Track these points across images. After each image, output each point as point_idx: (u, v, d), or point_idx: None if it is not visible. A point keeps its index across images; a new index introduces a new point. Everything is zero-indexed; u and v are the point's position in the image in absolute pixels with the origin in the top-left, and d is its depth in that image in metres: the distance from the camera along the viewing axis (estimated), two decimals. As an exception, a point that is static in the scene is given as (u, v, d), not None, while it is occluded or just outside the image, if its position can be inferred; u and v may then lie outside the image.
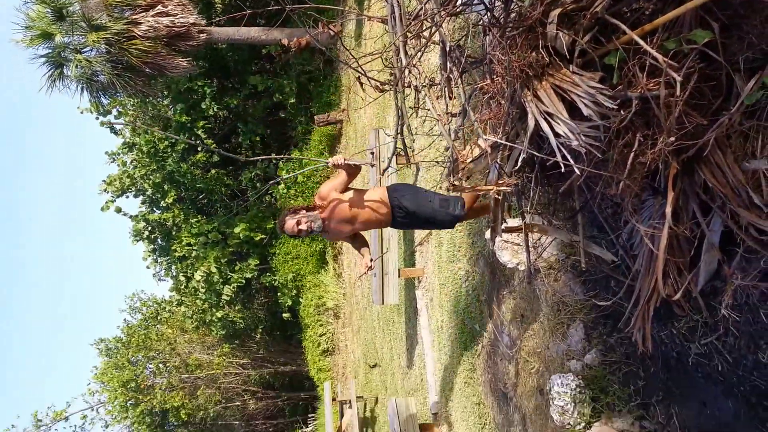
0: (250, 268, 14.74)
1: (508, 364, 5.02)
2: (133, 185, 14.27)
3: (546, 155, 2.59)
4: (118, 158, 14.57)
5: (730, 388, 2.61)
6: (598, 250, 3.35)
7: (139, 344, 17.58)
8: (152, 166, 14.02)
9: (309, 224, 4.39)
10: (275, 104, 14.80)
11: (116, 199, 14.32)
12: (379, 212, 4.55)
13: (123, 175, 14.19)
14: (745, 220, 2.25)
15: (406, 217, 4.58)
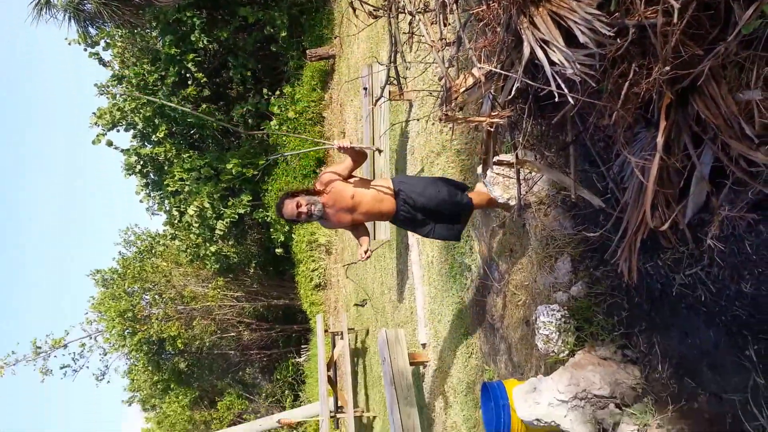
0: (242, 204, 14.68)
1: (495, 297, 5.07)
2: (123, 119, 14.02)
3: (540, 85, 2.53)
4: (107, 91, 14.29)
5: (712, 318, 2.64)
6: (587, 194, 3.33)
7: (135, 276, 17.67)
8: (142, 99, 13.76)
9: (309, 207, 4.14)
10: (266, 38, 14.45)
11: (107, 133, 14.10)
12: (382, 203, 4.34)
13: (113, 108, 13.94)
14: (735, 151, 2.22)
15: (409, 213, 4.37)
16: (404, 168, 8.14)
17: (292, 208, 4.15)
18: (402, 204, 4.34)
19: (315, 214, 4.17)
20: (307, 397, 16.57)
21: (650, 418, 2.81)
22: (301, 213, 4.14)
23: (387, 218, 4.48)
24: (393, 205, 4.34)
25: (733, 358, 2.56)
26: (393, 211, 4.36)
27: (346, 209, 4.26)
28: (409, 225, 4.56)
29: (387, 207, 4.34)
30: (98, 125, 14.07)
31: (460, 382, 5.78)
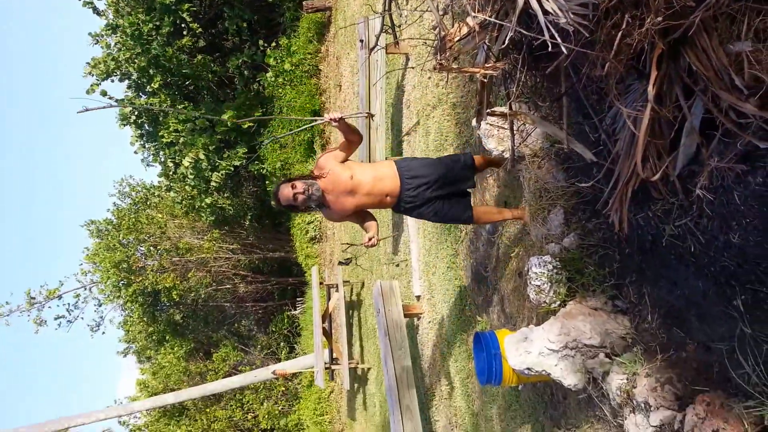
0: (238, 156, 14.66)
1: (489, 249, 5.14)
2: (117, 68, 13.85)
3: (534, 35, 2.53)
4: (101, 40, 14.08)
5: (700, 268, 2.69)
6: (579, 147, 3.35)
7: (130, 227, 17.69)
8: (137, 49, 13.57)
9: (306, 188, 3.87)
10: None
11: (101, 83, 13.97)
12: (384, 182, 4.05)
13: (107, 57, 13.76)
14: (725, 102, 2.24)
15: (415, 189, 4.08)
16: (400, 121, 8.13)
17: (288, 192, 3.90)
18: (406, 181, 4.07)
19: (314, 195, 3.89)
20: (302, 349, 16.85)
21: (639, 367, 2.88)
22: (298, 195, 3.87)
23: (392, 200, 4.11)
24: (397, 183, 4.07)
25: (720, 308, 2.62)
26: (398, 190, 4.07)
27: (347, 192, 3.99)
28: (416, 205, 4.16)
29: (390, 185, 4.06)
30: (92, 75, 13.92)
31: (453, 333, 5.89)
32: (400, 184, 4.07)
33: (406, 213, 4.31)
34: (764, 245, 2.32)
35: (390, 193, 4.07)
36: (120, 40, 13.88)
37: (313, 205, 3.96)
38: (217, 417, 17.58)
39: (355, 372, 11.08)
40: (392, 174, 4.08)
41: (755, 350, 2.36)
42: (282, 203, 3.97)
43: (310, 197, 3.89)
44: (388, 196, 4.08)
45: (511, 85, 3.24)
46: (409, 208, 4.18)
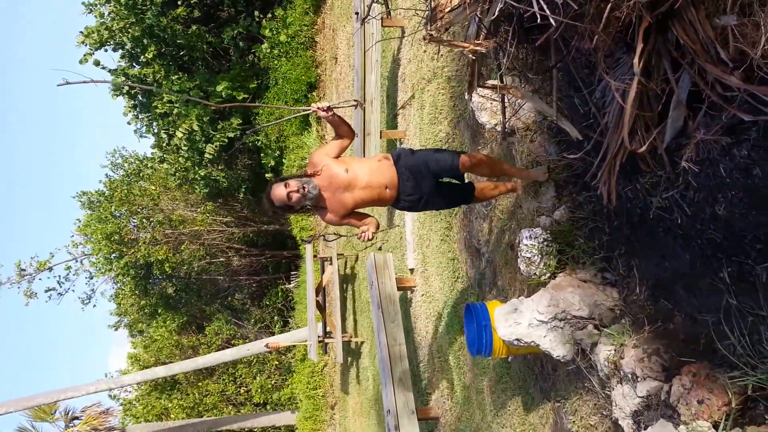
0: (232, 128, 14.63)
1: (482, 222, 5.21)
2: (111, 38, 13.73)
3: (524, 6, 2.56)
4: (95, 9, 13.95)
5: (688, 241, 2.76)
6: (566, 125, 3.40)
7: (122, 199, 17.68)
8: (130, 19, 13.46)
9: (301, 186, 3.70)
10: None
11: (94, 53, 13.85)
12: (381, 173, 3.92)
13: (101, 27, 13.64)
14: (711, 76, 2.29)
15: (412, 177, 3.95)
16: (395, 95, 8.15)
17: (282, 192, 3.72)
18: (403, 169, 3.94)
19: (310, 193, 3.71)
20: (296, 323, 16.97)
21: (627, 339, 2.95)
22: (292, 194, 3.70)
23: (392, 192, 3.96)
24: (394, 173, 3.93)
25: (707, 280, 2.69)
26: (396, 180, 3.92)
27: (344, 187, 3.82)
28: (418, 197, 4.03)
29: (387, 176, 3.92)
30: (85, 44, 13.81)
31: (446, 306, 5.98)
32: (397, 173, 3.93)
33: (411, 207, 4.18)
34: (749, 217, 2.39)
35: (389, 184, 3.92)
36: (114, 9, 13.75)
37: (309, 204, 3.80)
38: (210, 391, 17.71)
39: (349, 345, 11.20)
40: (388, 164, 3.96)
41: (740, 322, 2.43)
42: (275, 204, 3.81)
43: (305, 195, 3.72)
44: (387, 188, 3.92)
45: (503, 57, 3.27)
46: (413, 201, 4.04)
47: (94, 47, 13.82)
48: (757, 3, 2.19)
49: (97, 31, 13.71)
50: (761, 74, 2.15)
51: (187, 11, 14.28)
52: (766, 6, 2.17)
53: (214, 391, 17.73)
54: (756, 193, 2.30)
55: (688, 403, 2.33)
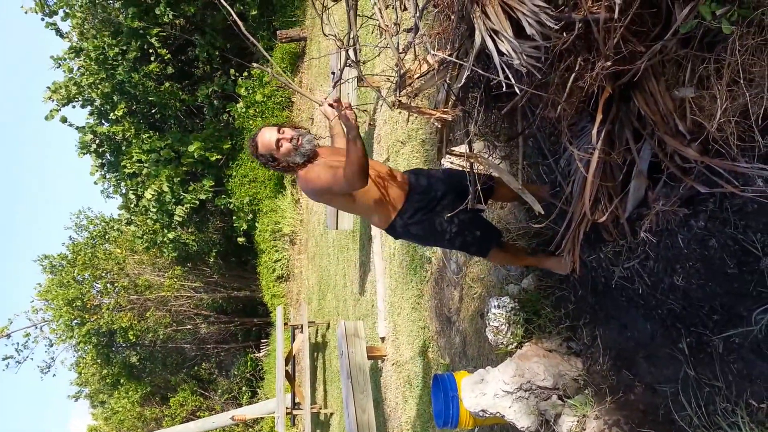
0: (204, 189, 14.70)
1: (453, 290, 5.27)
2: (80, 94, 13.90)
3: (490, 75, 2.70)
4: (64, 64, 14.15)
5: (648, 311, 2.84)
6: (529, 199, 3.50)
7: (86, 262, 17.57)
8: (101, 74, 13.65)
9: (297, 136, 3.16)
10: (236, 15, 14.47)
11: (62, 108, 13.99)
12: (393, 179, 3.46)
13: (69, 82, 13.82)
14: (670, 147, 2.41)
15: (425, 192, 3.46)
16: (370, 156, 8.29)
17: (271, 137, 3.14)
18: (414, 179, 3.51)
19: (304, 147, 3.13)
20: (264, 394, 16.69)
21: (589, 410, 3.01)
22: (283, 141, 3.12)
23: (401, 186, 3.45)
24: (405, 184, 3.46)
25: (667, 350, 2.77)
26: (406, 184, 3.46)
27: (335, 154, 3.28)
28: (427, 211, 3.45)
29: (398, 182, 3.44)
30: (53, 100, 13.96)
31: (416, 376, 5.96)
32: (408, 183, 3.48)
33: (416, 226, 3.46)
34: (706, 288, 2.48)
35: (399, 176, 3.47)
36: (83, 64, 13.94)
37: (298, 160, 3.16)
38: (172, 466, 17.24)
39: (318, 417, 11.03)
40: (399, 177, 3.51)
41: (698, 392, 2.49)
42: (259, 150, 3.20)
43: (297, 148, 3.13)
44: (398, 178, 3.45)
45: (471, 124, 3.40)
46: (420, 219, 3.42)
47: (61, 103, 13.96)
48: (715, 76, 2.33)
49: (66, 87, 13.86)
50: (717, 147, 2.28)
51: (160, 67, 14.47)
52: (722, 79, 2.32)
53: (176, 466, 17.24)
54: (712, 264, 2.40)
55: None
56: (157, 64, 14.38)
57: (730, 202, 2.30)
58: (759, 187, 2.14)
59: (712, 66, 2.21)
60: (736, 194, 2.22)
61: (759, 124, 2.08)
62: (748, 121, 2.11)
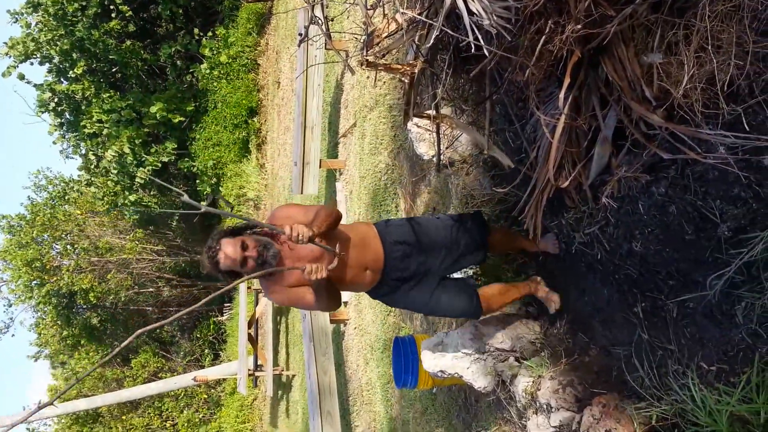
0: (167, 152, 14.43)
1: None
2: (38, 50, 13.42)
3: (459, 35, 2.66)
4: (21, 19, 13.64)
5: (606, 276, 2.88)
6: (498, 153, 3.51)
7: (45, 223, 17.21)
8: (60, 30, 13.20)
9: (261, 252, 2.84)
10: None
11: (19, 65, 13.52)
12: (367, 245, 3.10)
13: (27, 38, 13.33)
14: (636, 113, 2.42)
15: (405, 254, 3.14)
16: (337, 122, 8.22)
17: (235, 255, 2.81)
18: (390, 246, 3.13)
19: (268, 262, 2.84)
20: (227, 356, 16.69)
21: (545, 371, 3.06)
22: (249, 260, 2.82)
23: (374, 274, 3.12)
24: (380, 247, 3.11)
25: (622, 315, 2.82)
26: (381, 257, 3.10)
27: (312, 260, 2.85)
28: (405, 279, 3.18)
29: (373, 250, 3.10)
30: (9, 56, 13.48)
31: (377, 339, 6.00)
32: (383, 249, 3.11)
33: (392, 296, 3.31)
34: (663, 254, 2.51)
35: (371, 264, 3.09)
36: (42, 20, 13.45)
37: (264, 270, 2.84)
38: (134, 425, 17.30)
39: (279, 379, 11.07)
40: (372, 234, 3.17)
41: (650, 355, 2.55)
42: (220, 267, 2.85)
43: (264, 264, 2.84)
44: (368, 269, 3.09)
45: (438, 86, 3.37)
46: (395, 288, 3.20)
47: (18, 59, 13.49)
48: (683, 42, 2.33)
49: (23, 43, 13.38)
50: (681, 113, 2.28)
51: (121, 25, 13.99)
52: (690, 45, 2.31)
53: (138, 425, 17.33)
54: (671, 230, 2.43)
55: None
56: (118, 22, 13.93)
57: (692, 169, 2.32)
58: (721, 155, 2.16)
59: (681, 32, 2.21)
60: (698, 161, 2.24)
61: (724, 92, 2.09)
62: (713, 88, 2.12)
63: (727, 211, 2.23)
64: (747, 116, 2.10)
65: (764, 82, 2.09)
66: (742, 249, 2.18)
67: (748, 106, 2.11)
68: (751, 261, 2.17)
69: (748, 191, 2.17)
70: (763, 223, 2.16)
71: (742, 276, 2.24)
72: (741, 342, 2.29)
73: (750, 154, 2.12)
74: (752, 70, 2.07)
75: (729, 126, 2.14)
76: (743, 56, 2.05)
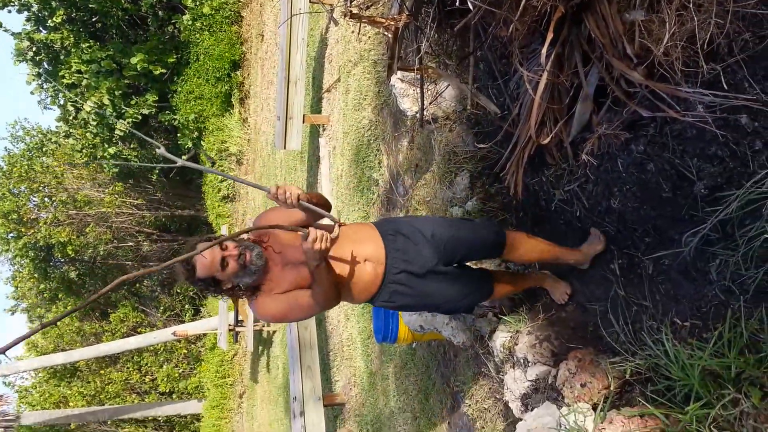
0: (147, 104, 14.27)
1: (399, 212, 5.31)
2: (16, -2, 13.24)
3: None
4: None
5: (585, 234, 2.93)
6: (484, 101, 3.53)
7: (22, 175, 17.03)
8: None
9: (242, 252, 2.52)
10: None
11: (-4, 12, 13.32)
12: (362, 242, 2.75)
13: (3, -16, 13.09)
14: (617, 71, 2.44)
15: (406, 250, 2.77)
16: (321, 77, 8.16)
17: (213, 257, 2.48)
18: (391, 241, 2.78)
19: (253, 264, 2.53)
20: (208, 312, 16.78)
21: (522, 326, 3.13)
22: (229, 260, 2.50)
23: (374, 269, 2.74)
24: (380, 245, 2.76)
25: (599, 271, 2.89)
26: (383, 253, 2.74)
27: (303, 261, 2.53)
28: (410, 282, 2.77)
29: (372, 242, 2.77)
30: (-15, 3, 13.21)
31: (358, 296, 6.07)
32: (384, 245, 2.77)
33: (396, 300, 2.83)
34: (640, 211, 2.56)
35: (371, 256, 2.74)
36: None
37: (248, 281, 2.56)
38: (112, 379, 17.43)
39: (260, 334, 11.19)
40: (369, 228, 2.88)
41: (626, 311, 2.62)
42: (198, 274, 2.51)
43: (245, 266, 2.52)
44: (368, 261, 2.73)
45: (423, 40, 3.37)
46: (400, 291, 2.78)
47: (-5, 6, 13.22)
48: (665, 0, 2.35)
49: (1, -11, 13.12)
50: (662, 71, 2.31)
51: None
52: (672, 3, 2.33)
53: (117, 380, 17.46)
54: (648, 188, 2.47)
55: (571, 387, 2.50)
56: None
57: (671, 127, 2.35)
58: (699, 113, 2.20)
59: (663, -11, 2.22)
60: (677, 119, 2.27)
61: (704, 50, 2.11)
62: (694, 46, 2.15)
63: (703, 170, 2.28)
64: (726, 75, 2.14)
65: (743, 41, 2.12)
66: (718, 207, 2.23)
67: (727, 65, 2.14)
68: (726, 219, 2.22)
69: (725, 150, 2.21)
70: (738, 181, 2.20)
71: (716, 233, 2.30)
72: (714, 298, 2.36)
73: (728, 113, 2.16)
74: (732, 29, 2.10)
75: (708, 84, 2.18)
76: (723, 15, 2.07)
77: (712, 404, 2.05)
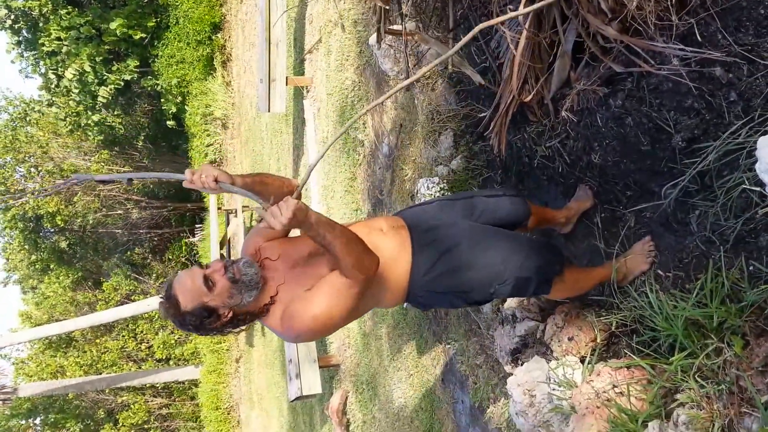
0: (129, 70, 14.12)
1: (385, 172, 5.35)
2: (-11, -36, 12.98)
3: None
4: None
5: (567, 188, 2.99)
6: (469, 71, 3.53)
7: (6, 146, 16.88)
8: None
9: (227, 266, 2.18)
10: None
11: (-31, -21, 13.06)
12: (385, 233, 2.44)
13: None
14: (592, 27, 2.46)
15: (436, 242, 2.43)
16: (302, 38, 8.09)
17: (195, 279, 2.15)
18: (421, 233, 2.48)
19: (244, 273, 2.18)
20: (200, 278, 16.85)
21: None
22: (214, 276, 2.16)
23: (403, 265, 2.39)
24: (407, 237, 2.45)
25: (582, 227, 2.94)
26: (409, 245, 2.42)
27: (307, 256, 2.30)
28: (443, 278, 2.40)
29: (398, 239, 2.44)
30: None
31: (347, 256, 6.13)
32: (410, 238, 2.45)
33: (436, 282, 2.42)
34: (621, 165, 2.61)
35: (386, 225, 2.48)
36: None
37: (248, 299, 2.19)
38: (108, 348, 17.54)
39: (254, 299, 11.26)
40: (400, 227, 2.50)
41: (608, 264, 2.67)
42: (183, 307, 2.15)
43: (237, 281, 2.16)
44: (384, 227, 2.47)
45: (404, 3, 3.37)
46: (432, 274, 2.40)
47: (-31, -26, 12.95)
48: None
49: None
50: (636, 26, 2.33)
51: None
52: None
53: (113, 348, 17.56)
54: (627, 141, 2.51)
55: (559, 341, 2.58)
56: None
57: (647, 81, 2.38)
58: (674, 66, 2.23)
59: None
60: (652, 73, 2.30)
61: (674, 4, 2.13)
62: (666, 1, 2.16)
63: (680, 122, 2.32)
64: (699, 28, 2.16)
65: (716, -6, 2.14)
66: (696, 159, 2.27)
67: (701, 18, 2.17)
68: (704, 170, 2.27)
69: (700, 102, 2.25)
70: (715, 133, 2.25)
71: (695, 185, 2.35)
72: (695, 249, 2.42)
73: (702, 66, 2.19)
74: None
75: (682, 38, 2.20)
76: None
77: (696, 354, 2.12)
